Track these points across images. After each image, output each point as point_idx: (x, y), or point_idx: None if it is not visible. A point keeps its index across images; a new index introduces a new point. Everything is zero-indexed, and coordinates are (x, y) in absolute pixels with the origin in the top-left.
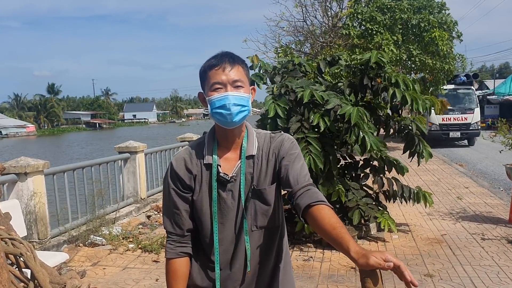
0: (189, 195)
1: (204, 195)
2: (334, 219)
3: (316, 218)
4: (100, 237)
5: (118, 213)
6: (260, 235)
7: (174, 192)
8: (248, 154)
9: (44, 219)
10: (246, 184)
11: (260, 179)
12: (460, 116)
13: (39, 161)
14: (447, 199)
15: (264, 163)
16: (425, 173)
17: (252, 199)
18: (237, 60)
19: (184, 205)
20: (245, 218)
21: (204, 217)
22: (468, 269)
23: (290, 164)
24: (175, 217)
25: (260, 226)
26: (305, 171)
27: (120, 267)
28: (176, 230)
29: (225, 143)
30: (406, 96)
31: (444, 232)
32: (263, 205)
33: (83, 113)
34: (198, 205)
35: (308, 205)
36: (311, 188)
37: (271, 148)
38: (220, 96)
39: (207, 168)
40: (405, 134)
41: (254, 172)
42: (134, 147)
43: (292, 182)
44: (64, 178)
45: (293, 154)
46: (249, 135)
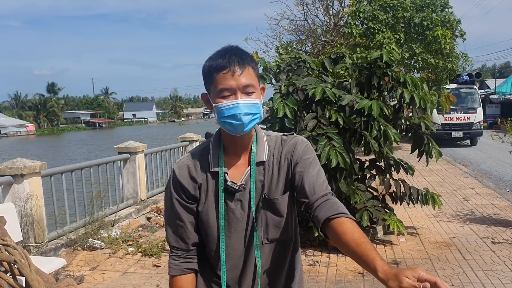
0: (194, 206)
1: (210, 205)
2: (357, 234)
3: (338, 232)
4: (99, 240)
5: (118, 215)
6: (271, 248)
7: (178, 202)
8: (258, 160)
9: (41, 222)
10: (256, 193)
11: (272, 188)
12: (462, 115)
13: (36, 162)
14: (453, 201)
15: (276, 170)
16: (429, 174)
17: (263, 210)
18: (246, 60)
19: (188, 216)
20: (256, 231)
21: (210, 229)
22: (480, 275)
23: (305, 170)
24: (179, 230)
25: (271, 239)
26: (321, 178)
27: (120, 272)
28: (181, 244)
29: (233, 149)
30: (414, 97)
31: (452, 235)
32: (275, 216)
33: (82, 113)
34: (204, 216)
35: (327, 218)
36: (330, 198)
37: (283, 152)
38: (230, 105)
39: (213, 176)
40: (413, 133)
41: (265, 179)
42: (134, 148)
43: (308, 191)
44: (62, 179)
45: (308, 159)
46: (258, 139)
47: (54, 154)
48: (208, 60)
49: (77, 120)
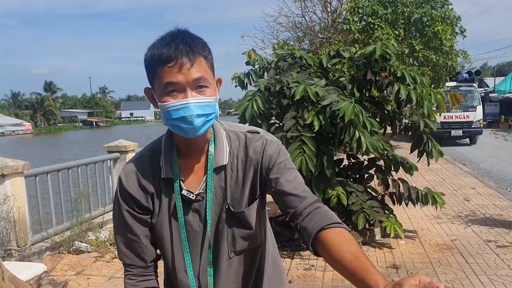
0: (147, 217)
1: (164, 217)
2: (354, 247)
3: (332, 245)
4: (86, 243)
5: (106, 217)
6: (240, 260)
7: (129, 214)
8: (218, 165)
9: (24, 224)
10: (217, 202)
11: (236, 196)
12: (462, 114)
13: (19, 162)
14: (454, 201)
15: (241, 175)
16: (429, 173)
17: (228, 222)
18: (197, 49)
19: (143, 229)
20: (210, 247)
21: (165, 245)
22: (484, 280)
23: (281, 177)
24: (133, 246)
25: (239, 251)
26: (302, 183)
27: (106, 277)
28: (137, 261)
29: (187, 152)
30: (411, 94)
31: (454, 237)
32: (242, 229)
33: (80, 112)
34: (158, 230)
35: (321, 228)
36: (319, 205)
37: (249, 154)
38: (179, 105)
39: (166, 183)
40: (412, 132)
41: (227, 186)
42: (124, 146)
43: (293, 201)
44: (48, 180)
45: (282, 162)
46: (217, 139)
47: (53, 154)
48: (149, 49)
49: (75, 119)
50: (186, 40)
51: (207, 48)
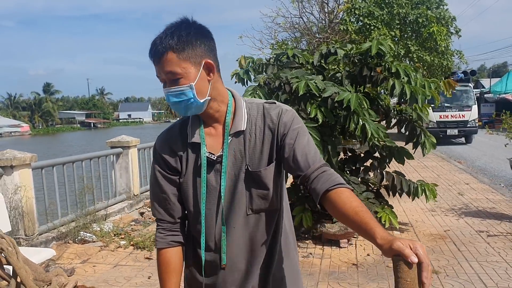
0: (176, 178)
1: (189, 177)
2: (356, 203)
3: (336, 203)
4: (91, 233)
5: (110, 210)
6: (257, 219)
7: (161, 175)
8: (236, 130)
9: (31, 214)
10: (236, 163)
11: (254, 158)
12: (457, 113)
13: (26, 154)
14: (448, 195)
15: (259, 139)
16: (424, 170)
17: (246, 181)
18: (164, 48)
19: (172, 188)
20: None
21: (190, 201)
22: (475, 266)
23: (295, 143)
24: (163, 203)
25: (256, 210)
26: (313, 148)
27: (111, 265)
28: (166, 217)
29: (208, 121)
30: (405, 88)
31: (447, 228)
32: (259, 189)
33: (78, 113)
34: (184, 187)
35: (326, 189)
36: (326, 169)
37: (266, 121)
38: (164, 93)
39: (193, 147)
40: (406, 125)
41: (245, 149)
42: (126, 142)
43: (302, 165)
44: (53, 172)
45: (296, 129)
46: (237, 109)
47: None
48: None
49: (72, 120)
50: (161, 37)
51: (180, 39)
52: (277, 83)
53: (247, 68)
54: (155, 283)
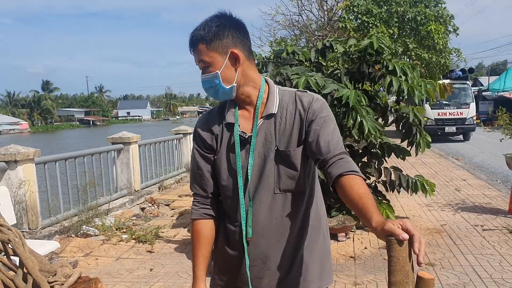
0: (211, 156)
1: (223, 155)
2: (362, 190)
3: (345, 187)
4: (93, 228)
5: (111, 205)
6: (284, 198)
7: (198, 152)
8: (268, 113)
9: (35, 208)
10: (266, 144)
11: (284, 140)
12: (455, 111)
13: (30, 149)
14: (446, 191)
15: (289, 123)
16: (422, 166)
17: (276, 161)
18: (196, 39)
19: (206, 165)
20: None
21: (222, 177)
22: (470, 258)
23: (320, 129)
24: (198, 178)
25: (284, 189)
26: (336, 136)
27: (113, 258)
28: (200, 191)
29: (243, 104)
30: (402, 85)
31: (444, 223)
32: (288, 168)
33: (77, 110)
34: (218, 164)
35: (340, 174)
36: (344, 157)
37: (297, 107)
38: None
39: (228, 127)
40: (402, 124)
41: (276, 131)
42: (127, 138)
43: (323, 149)
44: (56, 167)
45: (324, 117)
46: (270, 93)
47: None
48: None
49: (71, 118)
50: (195, 29)
51: (210, 32)
52: (278, 79)
53: None
54: (157, 275)
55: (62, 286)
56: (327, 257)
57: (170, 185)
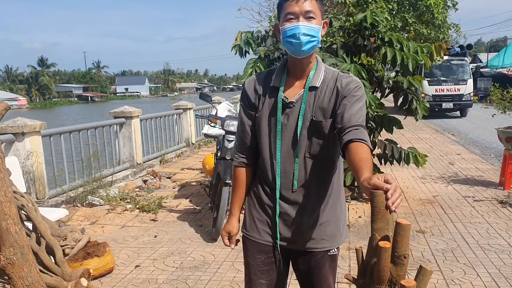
0: (253, 113)
1: (264, 115)
2: (365, 155)
3: (351, 151)
4: (98, 198)
5: (115, 177)
6: (312, 162)
7: (242, 108)
8: (312, 85)
9: (42, 179)
10: (305, 113)
11: (319, 111)
12: (453, 87)
13: (36, 122)
14: (439, 165)
15: (327, 97)
16: (418, 141)
17: (310, 129)
18: None
19: (248, 121)
20: (298, 144)
21: (262, 134)
22: (459, 226)
23: (349, 104)
24: (240, 132)
25: (312, 155)
26: (360, 113)
27: (119, 226)
28: (240, 141)
29: (294, 72)
30: (396, 54)
31: (436, 194)
32: (319, 137)
33: (75, 86)
34: (258, 122)
35: (350, 140)
36: (360, 128)
37: (337, 84)
38: (292, 26)
39: (272, 91)
40: (398, 93)
41: (314, 103)
42: (129, 112)
43: (345, 120)
44: (61, 140)
45: (356, 96)
46: (317, 68)
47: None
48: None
49: (70, 94)
50: None
51: None
52: (276, 54)
53: (247, 39)
54: (161, 241)
55: (73, 249)
56: (344, 219)
57: (171, 159)
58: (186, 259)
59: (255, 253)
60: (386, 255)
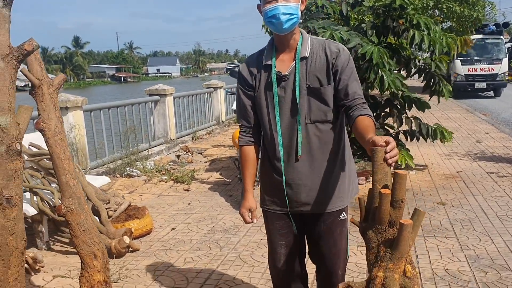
0: (251, 93)
1: (262, 92)
2: (369, 124)
3: (358, 123)
4: (135, 169)
5: (150, 151)
6: (315, 128)
7: (241, 91)
8: (301, 56)
9: (84, 150)
10: (300, 82)
11: (314, 79)
12: (487, 66)
13: (78, 97)
14: (466, 143)
15: (318, 65)
16: (447, 120)
17: (308, 96)
18: None
19: (248, 101)
20: (299, 113)
21: (262, 111)
22: (480, 199)
23: (348, 79)
24: (242, 112)
25: (314, 120)
26: (359, 86)
27: (155, 195)
28: (244, 123)
29: (282, 48)
30: (424, 38)
31: (460, 170)
32: (318, 102)
33: (108, 67)
34: (258, 101)
35: (358, 115)
36: (364, 105)
37: (326, 51)
38: (271, 7)
39: (266, 68)
40: (425, 74)
41: (307, 72)
42: (163, 90)
43: (349, 97)
44: (101, 115)
45: (351, 68)
46: (303, 40)
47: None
48: None
49: (103, 74)
50: None
51: None
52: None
53: None
54: (194, 208)
55: (115, 212)
56: (354, 175)
57: (202, 135)
58: (217, 223)
59: (274, 221)
60: (386, 200)
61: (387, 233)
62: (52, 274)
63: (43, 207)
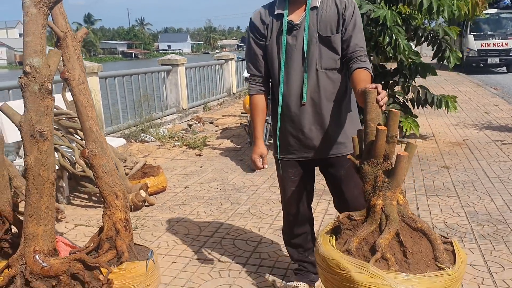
0: (263, 43)
1: (273, 41)
2: (365, 77)
3: (355, 75)
4: (149, 135)
5: (163, 120)
6: (325, 75)
7: (252, 40)
8: (312, 6)
9: (100, 115)
10: (311, 31)
11: (324, 28)
12: (500, 41)
13: (94, 64)
14: (475, 114)
15: (329, 15)
16: (457, 94)
17: (318, 44)
18: None
19: (259, 50)
20: (306, 60)
21: (273, 60)
22: (483, 164)
23: (352, 30)
24: (253, 61)
25: (324, 68)
26: (363, 40)
27: (169, 158)
28: (255, 72)
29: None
30: (433, 3)
31: (466, 138)
32: (328, 50)
33: (119, 43)
34: (269, 49)
35: (357, 68)
36: (365, 58)
37: (336, 2)
38: None
39: (277, 18)
40: (433, 41)
41: (318, 21)
42: (175, 60)
43: (351, 49)
44: (115, 82)
45: (357, 21)
46: None
47: None
48: None
49: (114, 50)
50: None
51: None
52: None
53: None
54: (206, 170)
55: (132, 169)
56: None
57: (214, 106)
58: (228, 183)
59: (286, 168)
60: (383, 135)
61: (383, 166)
62: (73, 223)
63: (63, 163)
